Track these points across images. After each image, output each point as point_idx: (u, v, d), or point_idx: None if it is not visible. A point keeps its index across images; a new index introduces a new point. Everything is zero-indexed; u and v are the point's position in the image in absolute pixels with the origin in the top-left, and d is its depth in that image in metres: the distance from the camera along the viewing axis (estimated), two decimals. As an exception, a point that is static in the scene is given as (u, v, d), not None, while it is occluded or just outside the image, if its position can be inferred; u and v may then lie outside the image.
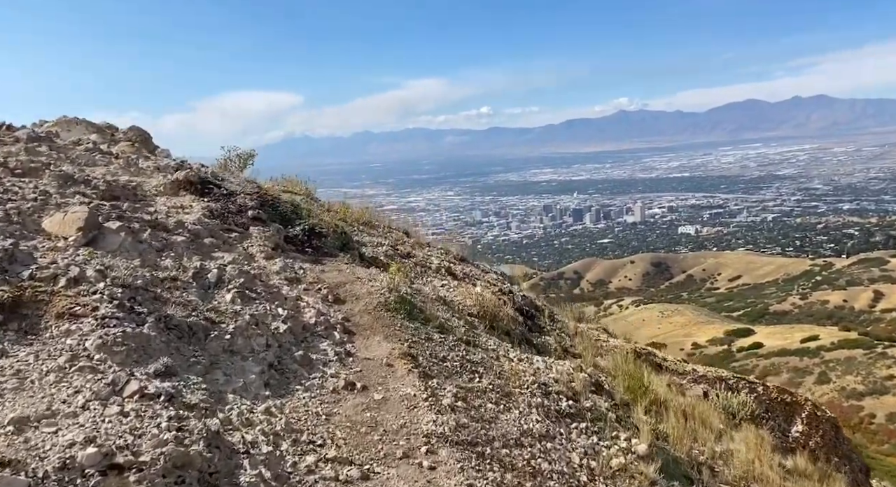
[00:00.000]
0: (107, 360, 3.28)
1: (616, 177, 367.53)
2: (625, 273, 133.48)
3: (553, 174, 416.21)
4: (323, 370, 4.22)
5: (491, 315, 6.47)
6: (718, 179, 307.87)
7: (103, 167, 7.08)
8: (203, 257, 5.36)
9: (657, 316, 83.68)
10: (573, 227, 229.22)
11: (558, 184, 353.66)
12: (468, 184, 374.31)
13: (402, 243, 9.08)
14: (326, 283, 5.85)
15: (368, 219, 9.48)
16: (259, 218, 6.66)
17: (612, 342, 8.48)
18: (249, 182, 8.64)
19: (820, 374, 55.58)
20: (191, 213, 6.18)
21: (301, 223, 6.89)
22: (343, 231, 7.22)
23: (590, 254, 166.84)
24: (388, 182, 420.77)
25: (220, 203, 6.65)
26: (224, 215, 6.41)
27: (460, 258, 9.82)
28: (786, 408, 7.52)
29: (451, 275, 8.16)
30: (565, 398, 4.56)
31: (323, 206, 9.18)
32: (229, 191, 7.06)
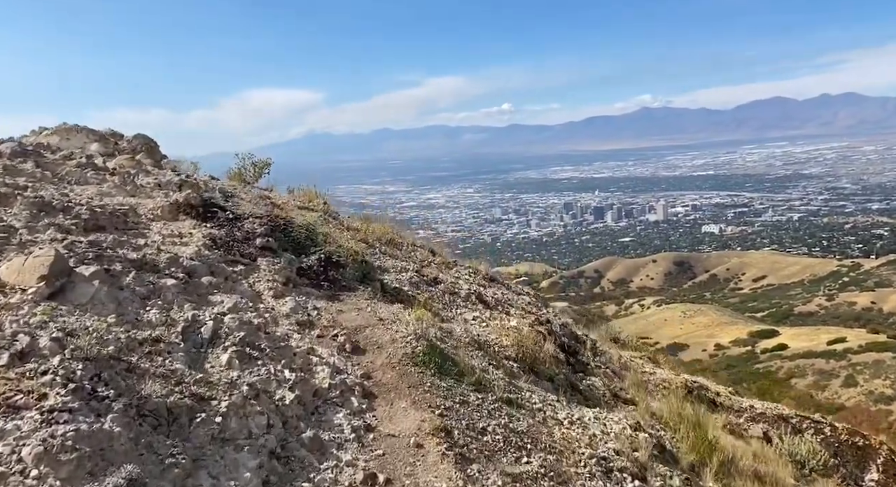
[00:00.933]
0: (48, 476, 2.47)
1: (638, 175, 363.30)
2: (646, 272, 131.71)
3: (574, 171, 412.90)
4: (337, 456, 3.44)
5: (531, 356, 5.72)
6: (743, 178, 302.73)
7: (95, 186, 6.39)
8: (198, 303, 4.58)
9: (679, 317, 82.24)
10: (594, 225, 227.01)
11: (579, 181, 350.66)
12: (488, 182, 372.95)
13: (427, 264, 8.35)
14: (344, 327, 5.09)
15: (391, 238, 8.72)
16: (269, 247, 5.97)
17: (659, 373, 7.70)
18: (262, 197, 8.00)
19: (847, 377, 54.07)
20: (189, 244, 5.44)
21: (316, 251, 6.20)
22: (363, 259, 6.50)
23: (611, 253, 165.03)
24: (408, 179, 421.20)
25: (225, 229, 5.97)
26: (229, 244, 5.72)
27: (489, 278, 9.07)
28: (857, 452, 6.71)
29: (482, 303, 7.40)
30: (630, 476, 3.84)
31: (342, 224, 8.53)
32: (235, 215, 6.38)
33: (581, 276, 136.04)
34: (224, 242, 5.70)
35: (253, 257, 5.69)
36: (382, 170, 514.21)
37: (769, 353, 62.10)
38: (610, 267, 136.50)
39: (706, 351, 64.89)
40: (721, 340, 68.37)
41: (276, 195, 9.04)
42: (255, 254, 5.75)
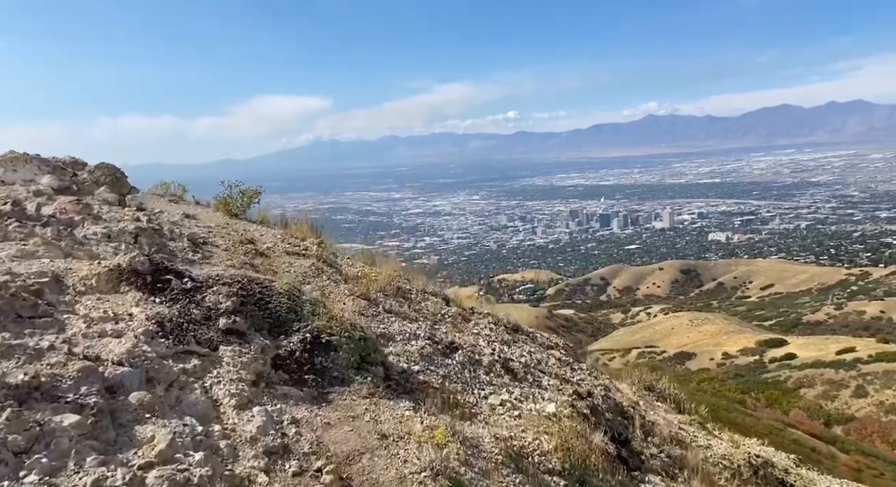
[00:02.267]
0: None
1: (644, 183, 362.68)
2: (653, 280, 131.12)
3: (580, 179, 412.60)
4: None
5: (580, 463, 4.74)
6: (750, 185, 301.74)
7: (15, 244, 4.96)
8: (112, 449, 3.04)
9: (686, 325, 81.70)
10: (600, 233, 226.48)
11: (585, 188, 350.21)
12: (494, 189, 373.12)
13: (441, 318, 7.03)
14: (331, 454, 3.67)
15: (399, 286, 7.40)
16: (236, 329, 4.48)
17: (716, 447, 7.13)
18: (243, 242, 6.96)
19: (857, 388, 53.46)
20: (124, 335, 3.92)
21: (300, 328, 4.74)
22: (362, 336, 4.98)
23: (617, 260, 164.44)
24: (414, 186, 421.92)
25: (179, 306, 4.48)
26: (182, 328, 4.29)
27: (513, 328, 7.81)
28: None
29: (508, 373, 6.18)
30: None
31: (339, 273, 7.31)
32: (197, 282, 4.75)
33: (587, 284, 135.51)
34: (176, 326, 4.27)
35: (214, 345, 4.30)
36: (389, 177, 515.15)
37: (777, 363, 61.54)
38: (616, 275, 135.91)
39: (713, 360, 64.37)
40: (729, 349, 67.83)
41: (264, 234, 8.02)
42: (218, 341, 4.34)
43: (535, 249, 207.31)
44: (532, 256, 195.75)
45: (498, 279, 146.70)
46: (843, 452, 27.82)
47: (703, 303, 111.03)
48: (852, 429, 38.00)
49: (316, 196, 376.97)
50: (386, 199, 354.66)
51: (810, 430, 30.43)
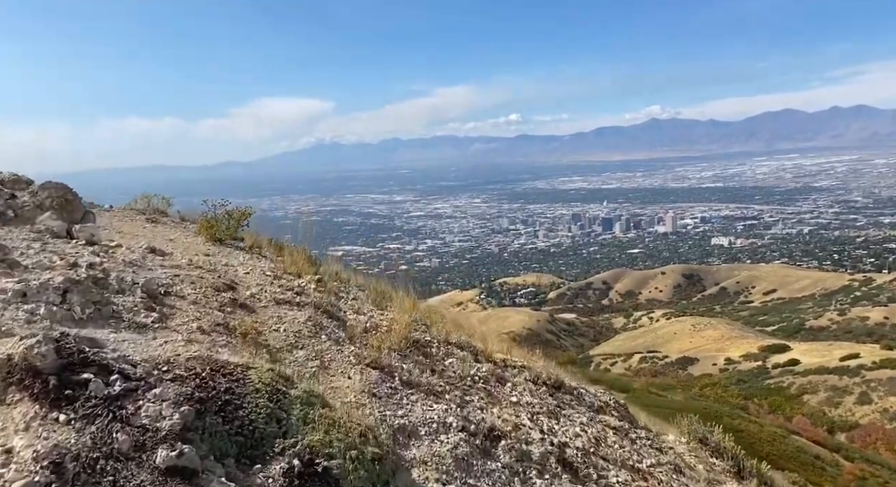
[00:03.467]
0: None
1: (647, 187, 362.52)
2: (655, 284, 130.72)
3: (582, 182, 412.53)
4: None
5: None
6: (753, 190, 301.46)
7: None
8: None
9: (689, 330, 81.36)
10: (602, 237, 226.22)
11: (587, 192, 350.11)
12: (496, 192, 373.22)
13: (472, 385, 5.48)
14: None
15: (417, 339, 5.98)
16: (182, 468, 2.75)
17: None
18: (221, 288, 5.48)
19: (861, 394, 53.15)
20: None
21: (287, 449, 3.13)
22: (375, 455, 3.35)
23: (619, 265, 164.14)
24: (416, 188, 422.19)
25: (96, 428, 2.76)
26: (94, 471, 2.60)
27: (555, 384, 6.48)
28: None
29: (566, 469, 4.75)
30: None
31: (343, 323, 5.86)
32: (129, 381, 3.08)
33: (589, 288, 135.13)
34: (85, 468, 2.57)
35: None
36: (391, 180, 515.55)
37: (780, 368, 61.24)
38: (618, 279, 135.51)
39: (716, 365, 64.09)
40: (731, 354, 67.55)
41: (251, 271, 6.64)
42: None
43: (537, 253, 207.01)
44: (534, 260, 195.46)
45: (499, 282, 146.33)
46: (848, 460, 27.56)
47: (706, 308, 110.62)
48: (856, 436, 37.71)
49: (318, 198, 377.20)
50: (387, 202, 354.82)
51: (814, 437, 30.18)
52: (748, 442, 24.88)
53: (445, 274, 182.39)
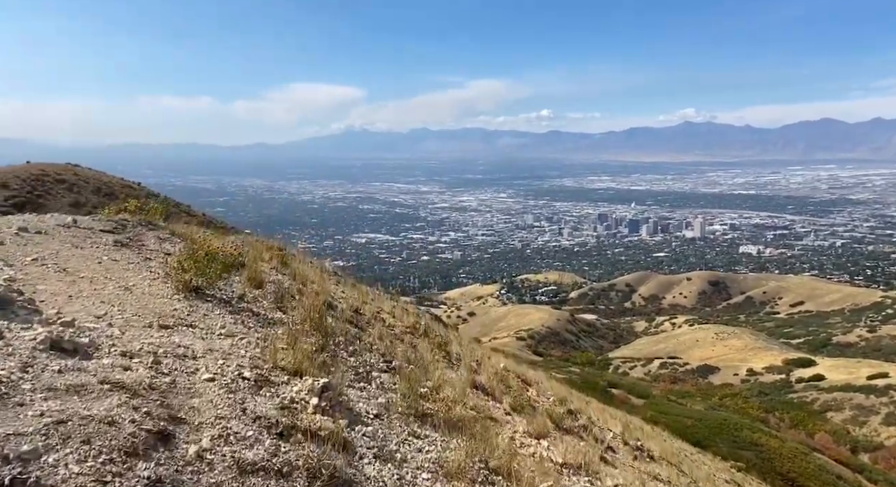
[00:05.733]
0: None
1: (677, 190, 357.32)
2: (680, 289, 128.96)
3: (611, 182, 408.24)
4: None
5: None
6: (786, 199, 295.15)
7: None
8: None
9: (712, 338, 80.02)
10: (628, 238, 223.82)
11: (616, 192, 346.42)
12: (522, 187, 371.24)
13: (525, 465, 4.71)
14: None
15: (467, 403, 5.39)
16: None
17: None
18: (153, 433, 3.22)
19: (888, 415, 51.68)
20: None
21: None
22: None
23: (644, 267, 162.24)
24: (442, 180, 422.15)
25: None
26: None
27: None
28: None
29: None
30: None
31: None
32: None
33: (612, 289, 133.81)
34: None
35: None
36: (417, 170, 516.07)
37: (805, 383, 59.93)
38: (642, 282, 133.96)
39: (738, 376, 62.93)
40: (754, 365, 66.29)
41: (219, 374, 4.27)
42: None
43: (561, 251, 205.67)
44: (557, 258, 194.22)
45: (521, 279, 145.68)
46: (871, 482, 26.78)
47: (730, 317, 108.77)
48: (880, 458, 36.66)
49: (344, 184, 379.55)
50: (413, 192, 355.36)
51: (836, 456, 29.39)
52: (767, 457, 24.31)
53: (467, 267, 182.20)
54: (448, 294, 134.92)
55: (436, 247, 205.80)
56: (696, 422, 28.06)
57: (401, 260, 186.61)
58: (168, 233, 9.75)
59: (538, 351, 70.15)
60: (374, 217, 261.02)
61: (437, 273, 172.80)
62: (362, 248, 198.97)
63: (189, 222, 42.45)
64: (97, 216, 9.86)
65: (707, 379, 60.37)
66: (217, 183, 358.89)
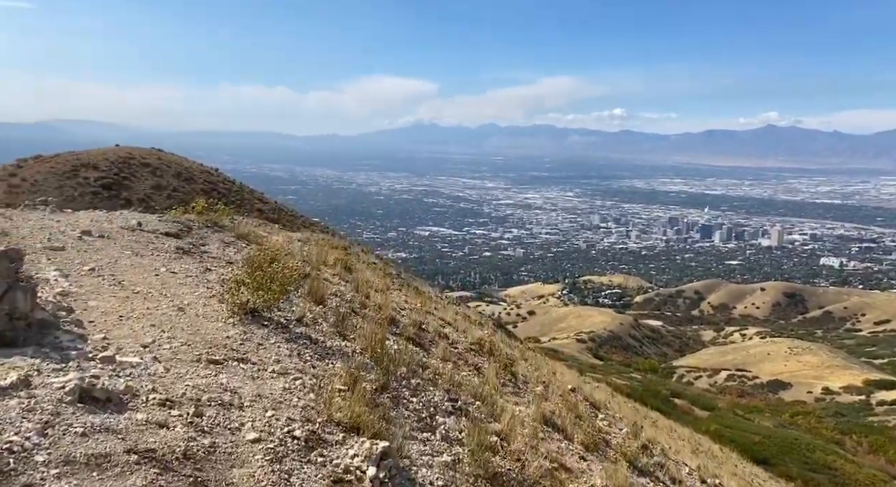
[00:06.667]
0: None
1: (755, 196, 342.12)
2: (752, 300, 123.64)
3: (684, 185, 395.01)
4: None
5: None
6: (875, 210, 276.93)
7: None
8: None
9: (785, 352, 76.41)
10: (699, 244, 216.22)
11: (689, 196, 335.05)
12: (590, 187, 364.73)
13: None
14: None
15: None
16: None
17: None
18: None
19: (981, 448, 47.91)
20: None
21: None
22: None
23: (715, 275, 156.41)
24: (508, 176, 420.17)
25: None
26: None
27: None
28: None
29: None
30: None
31: None
32: None
33: (679, 296, 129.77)
34: None
35: None
36: (484, 166, 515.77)
37: (887, 406, 56.27)
38: (712, 290, 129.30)
39: (812, 394, 59.75)
40: (830, 384, 62.77)
41: (269, 426, 3.90)
42: None
43: (627, 253, 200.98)
44: (623, 260, 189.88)
45: (584, 280, 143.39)
46: (958, 518, 24.80)
47: (806, 332, 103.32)
48: (970, 493, 33.95)
49: (411, 177, 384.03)
50: (478, 187, 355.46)
51: (920, 487, 27.38)
52: (842, 482, 22.94)
53: (529, 265, 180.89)
54: (508, 291, 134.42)
55: (498, 244, 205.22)
56: (764, 439, 26.85)
57: (462, 254, 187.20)
58: (233, 236, 9.65)
59: (598, 354, 68.87)
60: (439, 211, 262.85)
61: (499, 269, 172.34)
62: (425, 241, 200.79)
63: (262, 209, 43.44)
64: (163, 216, 9.91)
65: (777, 395, 57.70)
66: (290, 171, 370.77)
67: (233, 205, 42.12)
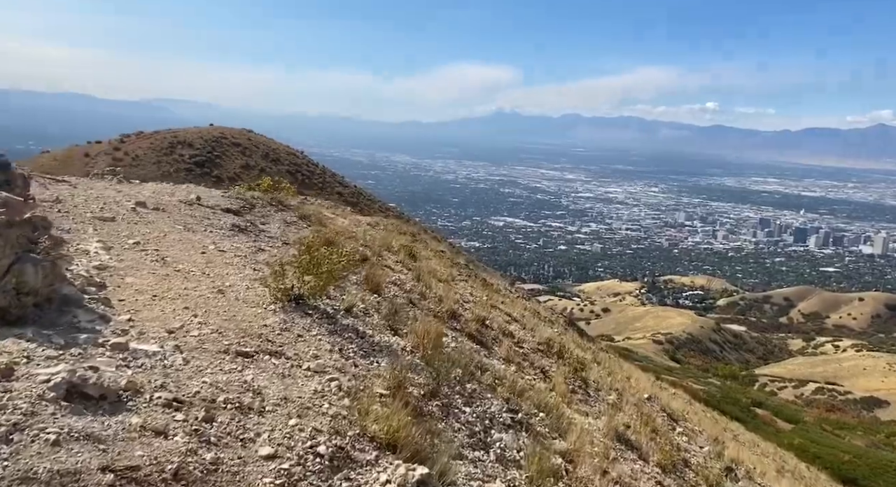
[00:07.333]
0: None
1: (858, 200, 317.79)
2: (849, 310, 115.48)
3: (779, 185, 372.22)
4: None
5: None
6: None
7: None
8: None
9: (883, 368, 70.97)
10: (792, 248, 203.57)
11: (783, 197, 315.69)
12: (676, 183, 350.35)
13: None
14: None
15: None
16: None
17: None
18: None
19: None
20: None
21: None
22: None
23: (807, 281, 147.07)
24: (590, 169, 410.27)
25: None
26: None
27: None
28: None
29: None
30: None
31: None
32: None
33: (767, 301, 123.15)
34: None
35: None
36: (564, 157, 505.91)
37: None
38: (804, 297, 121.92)
39: (912, 416, 55.06)
40: (935, 407, 57.61)
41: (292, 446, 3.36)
42: None
43: (712, 254, 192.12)
44: (707, 261, 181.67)
45: (664, 279, 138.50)
46: None
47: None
48: None
49: (488, 166, 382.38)
50: (557, 179, 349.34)
51: None
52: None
53: (606, 261, 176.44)
54: (583, 286, 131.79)
55: (575, 238, 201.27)
56: (854, 459, 25.00)
57: (537, 246, 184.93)
58: (296, 216, 9.15)
59: (675, 357, 66.40)
60: (515, 201, 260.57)
61: (574, 263, 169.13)
62: (499, 231, 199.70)
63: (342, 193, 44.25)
64: (228, 192, 9.63)
65: (872, 413, 53.56)
66: (370, 157, 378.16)
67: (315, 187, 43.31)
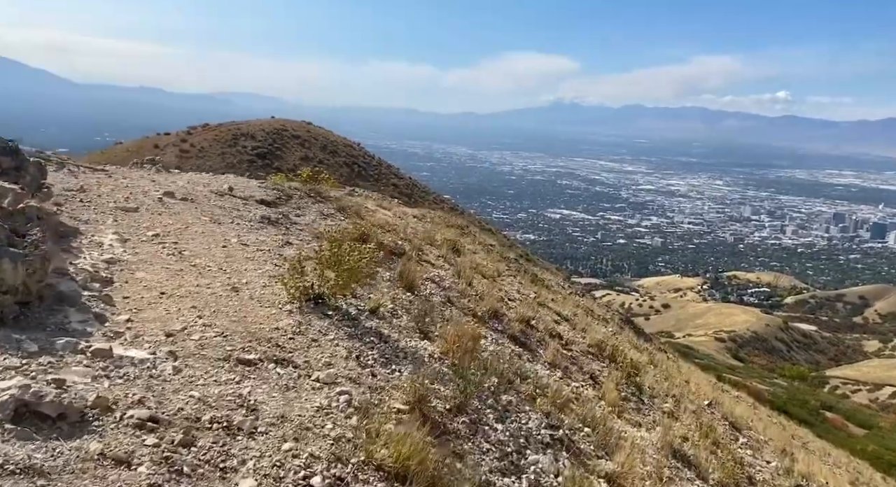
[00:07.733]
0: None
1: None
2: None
3: (855, 178, 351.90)
4: None
5: None
6: None
7: None
8: None
9: (969, 376, 66.05)
10: (869, 244, 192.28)
11: (860, 190, 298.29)
12: (742, 175, 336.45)
13: None
14: None
15: None
16: None
17: None
18: None
19: None
20: None
21: None
22: None
23: (886, 280, 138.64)
24: (650, 161, 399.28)
25: None
26: None
27: None
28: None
29: None
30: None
31: None
32: None
33: (839, 300, 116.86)
34: None
35: None
36: (624, 148, 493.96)
37: None
38: (881, 297, 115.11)
39: None
40: None
41: None
42: None
43: (780, 250, 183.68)
44: (774, 257, 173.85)
45: (728, 275, 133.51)
46: None
47: None
48: None
49: (545, 158, 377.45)
50: (617, 171, 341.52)
51: None
52: None
53: (667, 255, 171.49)
54: (642, 281, 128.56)
55: (634, 231, 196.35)
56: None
57: (594, 240, 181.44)
58: (334, 207, 8.71)
59: (738, 355, 63.92)
60: (572, 193, 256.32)
61: (633, 258, 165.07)
62: (556, 224, 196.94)
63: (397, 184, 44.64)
64: (265, 183, 9.38)
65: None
66: (427, 148, 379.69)
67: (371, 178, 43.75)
